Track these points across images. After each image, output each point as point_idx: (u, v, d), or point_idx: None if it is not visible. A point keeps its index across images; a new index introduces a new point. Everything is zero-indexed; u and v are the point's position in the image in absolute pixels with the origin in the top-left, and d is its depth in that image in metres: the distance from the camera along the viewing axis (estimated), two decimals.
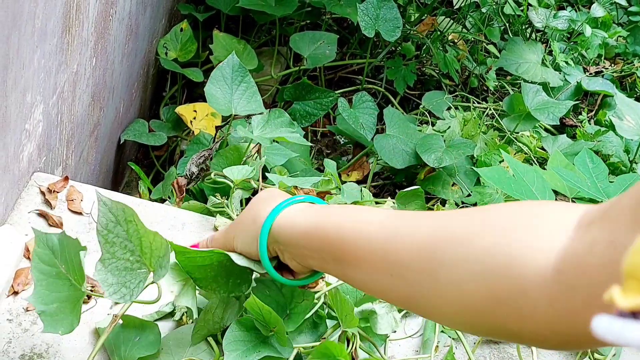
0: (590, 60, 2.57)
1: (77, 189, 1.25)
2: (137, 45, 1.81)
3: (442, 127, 2.05)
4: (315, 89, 2.10)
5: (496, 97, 2.44)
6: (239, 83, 1.36)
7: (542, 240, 0.56)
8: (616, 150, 2.09)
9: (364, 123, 2.01)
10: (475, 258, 0.60)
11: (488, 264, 0.59)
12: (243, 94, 1.36)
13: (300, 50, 2.16)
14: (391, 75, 2.33)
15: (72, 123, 1.41)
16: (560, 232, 0.56)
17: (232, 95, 1.35)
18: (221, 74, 1.35)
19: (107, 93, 1.63)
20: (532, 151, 2.00)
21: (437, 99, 2.17)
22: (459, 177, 1.92)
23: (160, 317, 1.12)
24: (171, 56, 2.09)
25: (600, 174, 1.45)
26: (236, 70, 1.36)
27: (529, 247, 0.57)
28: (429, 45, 2.40)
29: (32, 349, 1.04)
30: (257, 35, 2.43)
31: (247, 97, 1.35)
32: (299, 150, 2.04)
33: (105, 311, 1.11)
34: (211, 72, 1.42)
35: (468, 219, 0.66)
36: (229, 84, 1.35)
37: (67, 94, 1.33)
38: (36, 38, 1.09)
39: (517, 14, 2.55)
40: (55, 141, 1.33)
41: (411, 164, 1.95)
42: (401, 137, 1.98)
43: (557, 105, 2.02)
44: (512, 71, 2.27)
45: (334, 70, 2.47)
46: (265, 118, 1.33)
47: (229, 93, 1.35)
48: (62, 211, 1.22)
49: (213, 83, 1.36)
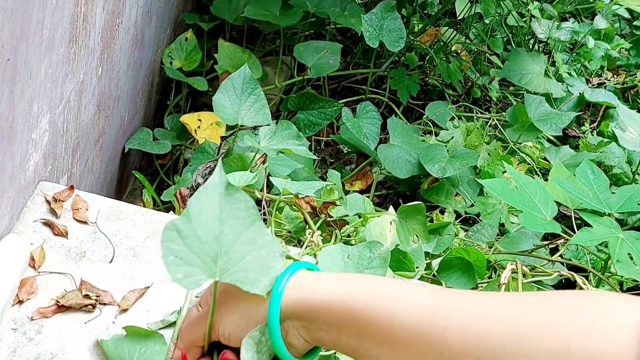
0: (593, 71, 2.57)
1: (82, 197, 1.26)
2: (142, 55, 1.82)
3: (446, 137, 2.05)
4: (319, 99, 2.11)
5: (499, 107, 2.45)
6: (248, 95, 1.37)
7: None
8: (619, 162, 2.09)
9: (368, 133, 2.01)
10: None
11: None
12: (252, 105, 1.37)
13: (304, 59, 2.17)
14: (395, 85, 2.34)
15: (78, 132, 1.42)
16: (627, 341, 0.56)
17: (241, 106, 1.36)
18: (232, 84, 1.36)
19: (113, 102, 1.64)
20: (534, 162, 2.01)
21: (440, 109, 2.18)
22: (462, 187, 1.92)
23: (165, 325, 1.12)
24: (176, 65, 2.10)
25: (601, 185, 1.46)
26: (247, 82, 1.37)
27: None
28: (433, 56, 2.41)
29: (37, 358, 1.04)
30: (262, 45, 2.44)
31: (255, 109, 1.36)
32: (303, 160, 2.04)
33: (109, 320, 1.11)
34: (217, 81, 1.43)
35: (532, 311, 0.61)
36: (238, 94, 1.36)
37: (74, 103, 1.34)
38: (44, 48, 1.10)
39: (520, 25, 2.56)
40: (61, 150, 1.34)
41: (415, 174, 1.96)
42: (405, 147, 1.99)
43: (560, 116, 2.02)
44: (515, 82, 2.28)
45: (337, 79, 2.48)
46: (273, 129, 1.34)
47: (237, 104, 1.36)
48: (67, 220, 1.22)
49: (222, 93, 1.37)
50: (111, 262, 1.18)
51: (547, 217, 1.40)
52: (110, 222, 1.24)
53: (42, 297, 1.11)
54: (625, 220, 1.99)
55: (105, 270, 1.17)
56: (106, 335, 1.06)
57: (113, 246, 1.20)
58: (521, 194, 1.43)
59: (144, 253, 1.21)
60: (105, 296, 1.12)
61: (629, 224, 1.98)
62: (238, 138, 1.39)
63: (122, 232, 1.23)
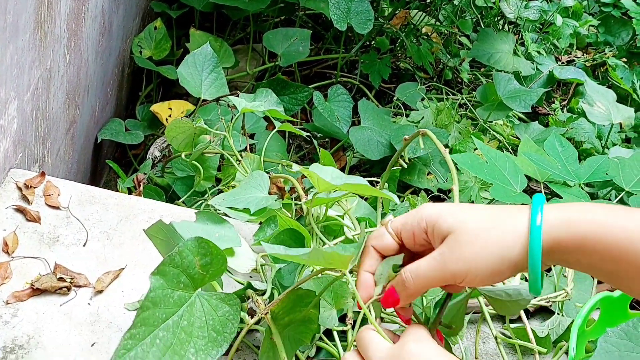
0: (562, 49, 2.60)
1: (54, 183, 1.26)
2: (111, 44, 1.82)
3: (416, 117, 2.07)
4: (290, 85, 2.12)
5: (470, 88, 2.47)
6: (209, 72, 1.38)
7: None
8: (588, 137, 2.12)
9: (340, 116, 2.03)
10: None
11: None
12: (213, 82, 1.38)
13: (273, 47, 2.18)
14: (366, 69, 2.35)
15: (48, 120, 1.42)
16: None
17: (202, 82, 1.37)
18: (194, 60, 1.37)
19: (82, 91, 1.63)
20: (505, 139, 2.03)
21: (410, 90, 2.20)
22: (434, 166, 1.94)
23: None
24: (146, 54, 2.10)
25: (569, 157, 1.48)
26: (208, 60, 1.38)
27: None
28: (403, 39, 2.43)
29: (14, 340, 1.04)
30: (232, 34, 2.45)
31: (216, 86, 1.38)
32: (277, 146, 2.06)
33: (85, 302, 1.11)
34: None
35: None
36: (199, 70, 1.37)
37: (42, 90, 1.34)
38: (8, 33, 1.10)
39: (489, 5, 2.58)
40: (31, 138, 1.34)
41: (387, 155, 1.98)
42: (376, 129, 2.00)
43: (529, 93, 2.05)
44: (484, 61, 2.30)
45: (309, 65, 2.49)
46: (252, 96, 1.35)
47: (199, 79, 1.37)
48: (39, 206, 1.23)
49: (184, 67, 1.38)
50: (85, 245, 1.19)
51: (517, 189, 1.42)
52: (83, 207, 1.25)
53: (16, 281, 1.11)
54: (596, 194, 2.02)
55: (79, 254, 1.17)
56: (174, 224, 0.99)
57: (86, 230, 1.21)
58: (491, 167, 1.45)
59: (118, 236, 1.22)
60: (79, 278, 1.13)
61: (600, 197, 2.01)
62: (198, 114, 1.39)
63: (95, 216, 1.24)
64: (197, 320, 0.78)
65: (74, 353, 1.04)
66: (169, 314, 0.77)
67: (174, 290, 0.77)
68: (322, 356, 1.10)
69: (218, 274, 0.82)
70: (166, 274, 0.77)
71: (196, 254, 0.79)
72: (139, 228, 1.23)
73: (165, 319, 0.77)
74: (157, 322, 0.76)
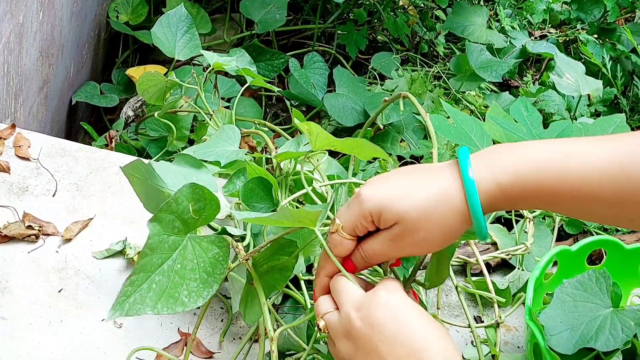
0: (536, 25, 2.63)
1: (24, 135, 1.27)
2: (86, 5, 1.82)
3: (391, 86, 2.10)
4: (266, 51, 2.13)
5: (446, 61, 2.50)
6: (183, 32, 1.39)
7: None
8: (558, 109, 2.16)
9: (315, 82, 2.04)
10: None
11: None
12: (187, 43, 1.39)
13: (250, 15, 2.19)
14: (343, 40, 2.37)
15: (20, 76, 1.42)
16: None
17: (176, 43, 1.38)
18: (168, 20, 1.38)
19: (56, 50, 1.64)
20: (477, 108, 2.06)
21: (385, 59, 2.22)
22: (407, 133, 1.97)
23: (110, 254, 1.14)
24: (122, 19, 2.10)
25: (534, 121, 1.51)
26: (182, 20, 1.39)
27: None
28: (380, 11, 2.44)
29: None
30: (210, 2, 2.45)
31: (190, 47, 1.38)
32: (252, 113, 2.07)
33: (53, 250, 1.13)
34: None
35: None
36: (173, 31, 1.38)
37: (14, 45, 1.35)
38: None
39: None
40: (2, 92, 1.35)
41: (361, 122, 2.00)
42: (350, 96, 2.02)
43: (501, 64, 2.08)
44: (458, 33, 2.32)
45: (287, 35, 2.50)
46: (226, 56, 1.36)
47: (173, 40, 1.38)
48: (9, 157, 1.24)
49: (158, 27, 1.39)
50: (54, 196, 1.20)
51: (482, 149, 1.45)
52: (53, 159, 1.26)
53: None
54: None
55: (48, 204, 1.19)
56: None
57: (56, 181, 1.22)
58: (458, 129, 1.48)
59: (87, 187, 1.23)
60: (48, 227, 1.15)
61: None
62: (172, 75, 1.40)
63: (64, 168, 1.25)
64: (189, 263, 0.80)
65: (41, 299, 1.06)
66: (164, 258, 0.79)
67: (169, 235, 0.80)
68: (288, 304, 1.13)
69: (210, 219, 0.83)
70: (162, 220, 0.79)
71: (190, 199, 0.81)
72: (109, 180, 1.25)
73: (161, 264, 0.79)
74: (153, 267, 0.78)
